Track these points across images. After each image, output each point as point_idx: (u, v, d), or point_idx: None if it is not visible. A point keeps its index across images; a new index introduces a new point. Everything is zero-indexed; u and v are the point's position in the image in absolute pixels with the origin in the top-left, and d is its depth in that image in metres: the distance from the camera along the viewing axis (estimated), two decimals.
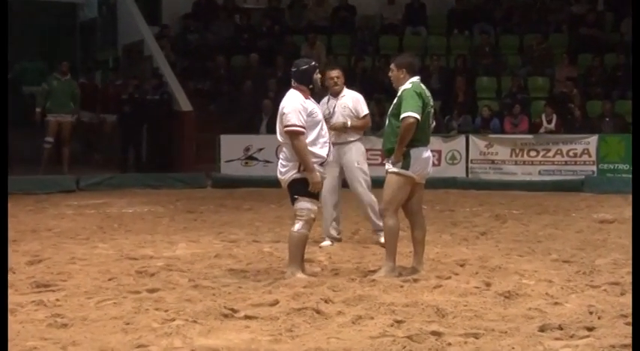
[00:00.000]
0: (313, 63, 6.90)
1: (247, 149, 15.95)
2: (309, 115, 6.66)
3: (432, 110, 6.93)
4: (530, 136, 15.49)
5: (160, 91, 16.52)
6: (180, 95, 16.82)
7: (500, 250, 8.28)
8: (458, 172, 15.45)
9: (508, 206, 12.32)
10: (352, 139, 8.58)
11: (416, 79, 6.84)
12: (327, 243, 8.65)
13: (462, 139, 15.53)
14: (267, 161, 15.48)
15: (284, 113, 6.65)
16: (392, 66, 6.90)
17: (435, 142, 15.35)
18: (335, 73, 8.69)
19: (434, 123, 7.27)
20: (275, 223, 10.32)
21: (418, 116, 6.63)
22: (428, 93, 6.86)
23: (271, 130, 15.70)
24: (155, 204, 12.73)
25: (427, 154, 6.85)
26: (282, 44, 18.93)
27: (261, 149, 15.83)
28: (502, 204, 12.63)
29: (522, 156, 15.32)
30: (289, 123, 6.59)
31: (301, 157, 6.59)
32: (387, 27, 19.80)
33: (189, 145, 16.72)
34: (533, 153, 15.28)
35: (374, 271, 6.95)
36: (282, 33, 19.39)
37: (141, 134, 16.55)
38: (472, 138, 15.49)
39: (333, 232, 8.75)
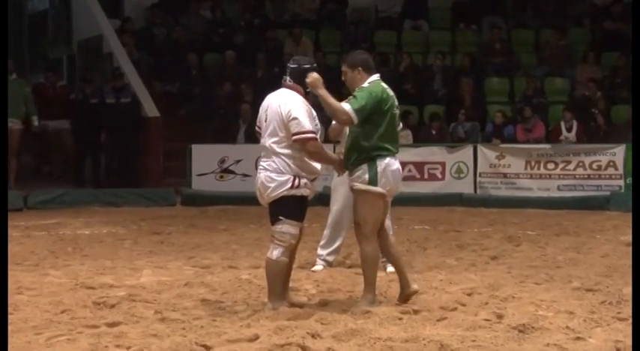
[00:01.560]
0: (315, 65, 6.94)
1: (223, 161, 15.95)
2: (313, 120, 6.72)
3: (398, 112, 6.96)
4: (547, 146, 15.55)
5: (121, 94, 16.49)
6: (146, 99, 16.81)
7: (513, 276, 8.30)
8: (465, 187, 15.48)
9: (522, 226, 12.35)
10: None
11: (375, 77, 6.87)
12: (319, 267, 8.70)
13: (469, 149, 15.57)
14: (246, 175, 15.47)
15: (293, 117, 6.58)
16: (344, 68, 6.89)
17: (439, 152, 15.45)
18: None
19: (400, 125, 7.30)
20: (254, 246, 10.30)
21: (357, 120, 6.62)
22: (391, 92, 6.88)
23: (250, 138, 15.88)
24: (116, 224, 12.70)
25: (396, 165, 6.84)
26: (262, 40, 18.96)
27: (238, 161, 15.82)
28: (515, 224, 12.67)
29: (538, 169, 15.36)
30: (303, 129, 6.55)
31: (323, 160, 6.74)
32: (383, 21, 19.87)
33: (156, 156, 16.69)
34: (551, 165, 15.32)
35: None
36: (263, 27, 19.43)
37: (99, 144, 16.52)
38: (481, 148, 15.53)
39: (329, 257, 8.77)
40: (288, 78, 6.81)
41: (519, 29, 19.51)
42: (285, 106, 6.64)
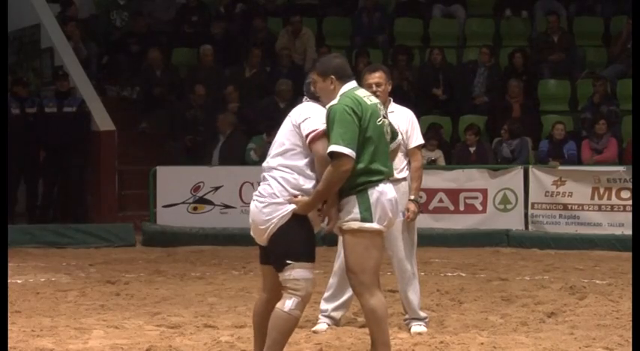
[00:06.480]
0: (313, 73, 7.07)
1: (197, 188, 15.93)
2: None
3: (386, 121, 6.95)
4: (621, 168, 15.50)
5: (65, 101, 16.52)
6: (97, 107, 16.82)
7: (576, 339, 8.28)
8: (512, 222, 15.45)
9: (589, 274, 12.34)
10: (400, 176, 8.51)
11: (349, 86, 6.89)
12: (322, 326, 8.70)
13: (518, 172, 15.56)
14: (227, 206, 15.43)
15: (306, 117, 6.69)
16: (313, 76, 6.93)
17: (479, 177, 15.42)
18: (375, 77, 8.51)
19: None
20: (238, 299, 10.31)
21: (351, 151, 6.60)
22: (373, 99, 6.91)
23: (227, 158, 15.80)
24: (57, 270, 12.70)
25: (392, 193, 6.87)
26: (249, 31, 19.00)
27: (217, 188, 15.78)
28: (579, 270, 12.66)
29: (609, 198, 15.33)
30: (318, 128, 6.63)
31: (324, 176, 6.62)
32: (406, 5, 19.91)
33: (110, 181, 16.69)
34: (625, 193, 15.29)
35: None
36: (250, 15, 19.48)
37: (36, 166, 16.52)
38: (534, 171, 15.53)
39: (336, 313, 8.76)
40: (305, 97, 6.96)
41: (584, 16, 19.55)
42: (299, 113, 6.77)
